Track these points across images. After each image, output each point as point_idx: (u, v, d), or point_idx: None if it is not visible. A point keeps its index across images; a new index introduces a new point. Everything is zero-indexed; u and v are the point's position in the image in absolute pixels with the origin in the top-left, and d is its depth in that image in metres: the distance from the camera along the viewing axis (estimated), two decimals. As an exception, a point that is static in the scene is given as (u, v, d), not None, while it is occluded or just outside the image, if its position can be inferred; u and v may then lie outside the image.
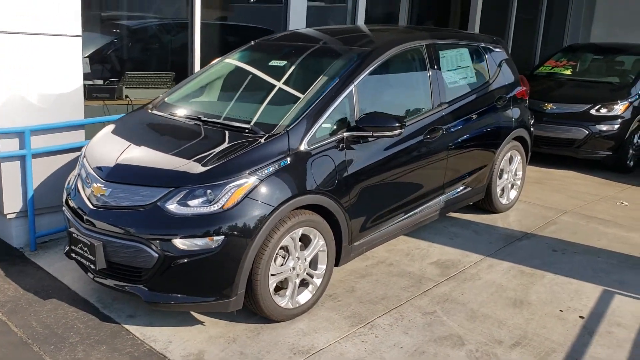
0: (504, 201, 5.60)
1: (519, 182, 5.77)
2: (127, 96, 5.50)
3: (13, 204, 4.50)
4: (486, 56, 5.28)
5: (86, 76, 5.52)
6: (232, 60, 4.70)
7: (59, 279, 4.08)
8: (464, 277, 4.26)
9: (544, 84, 8.57)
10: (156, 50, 6.11)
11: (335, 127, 3.78)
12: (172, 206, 3.24)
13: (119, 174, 3.49)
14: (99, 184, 3.51)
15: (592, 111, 7.61)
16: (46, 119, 4.54)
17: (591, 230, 5.32)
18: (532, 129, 5.87)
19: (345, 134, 3.78)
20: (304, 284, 3.71)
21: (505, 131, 5.27)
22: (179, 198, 3.25)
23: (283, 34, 5.05)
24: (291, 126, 3.59)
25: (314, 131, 3.63)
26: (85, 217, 3.49)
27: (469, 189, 5.06)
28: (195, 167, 3.33)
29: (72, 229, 3.60)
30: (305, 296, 3.70)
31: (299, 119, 3.63)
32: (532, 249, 4.82)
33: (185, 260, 3.20)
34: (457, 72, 4.84)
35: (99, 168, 3.61)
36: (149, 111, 4.24)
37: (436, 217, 4.77)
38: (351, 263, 4.40)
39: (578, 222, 5.52)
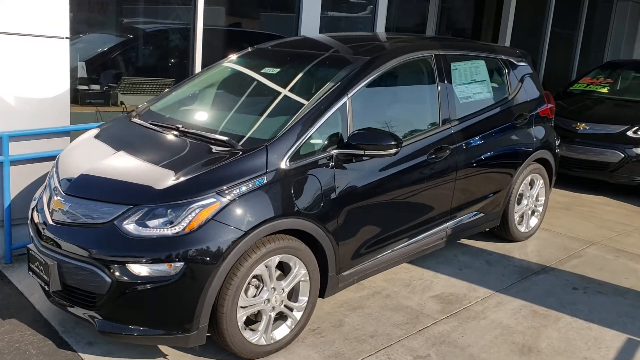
0: (522, 229, 5.10)
1: (540, 209, 5.26)
2: (122, 103, 5.24)
3: (-11, 213, 4.26)
4: (506, 70, 4.82)
5: (81, 81, 5.32)
6: (227, 67, 4.37)
7: (26, 297, 3.80)
8: (468, 315, 3.80)
9: (578, 102, 8.01)
10: (156, 56, 5.85)
11: (324, 143, 3.39)
12: (131, 226, 2.90)
13: (80, 187, 3.18)
14: (59, 197, 3.21)
15: (630, 133, 7.01)
16: (29, 125, 4.29)
17: (619, 266, 4.77)
18: (557, 151, 5.37)
19: (335, 151, 3.39)
20: (282, 317, 3.33)
21: (524, 152, 4.79)
22: (137, 217, 2.91)
23: (284, 40, 4.71)
24: (271, 141, 3.22)
25: (297, 147, 3.25)
26: (43, 233, 3.19)
27: (482, 215, 4.59)
28: (159, 183, 2.99)
29: (30, 245, 3.31)
30: (282, 331, 3.30)
31: (282, 133, 3.26)
32: (549, 286, 4.32)
33: (141, 288, 2.85)
34: (471, 86, 4.40)
35: (67, 179, 3.31)
36: (131, 119, 3.93)
37: (442, 245, 4.33)
38: (344, 293, 3.99)
39: (605, 256, 4.98)
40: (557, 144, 5.36)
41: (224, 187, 2.97)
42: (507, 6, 9.21)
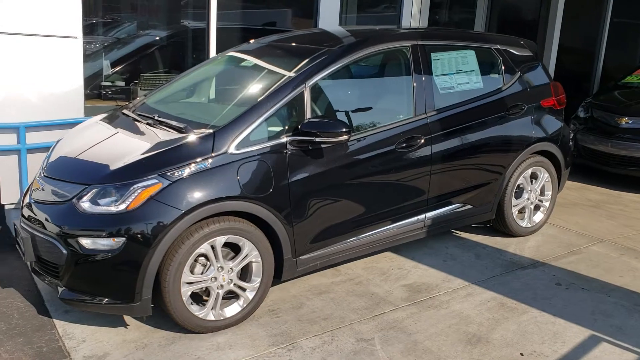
0: (523, 224, 4.94)
1: (547, 204, 5.06)
2: (141, 97, 5.63)
3: (10, 195, 4.77)
4: (501, 60, 4.70)
5: (106, 78, 5.78)
6: (218, 60, 4.62)
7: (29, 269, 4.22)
8: (430, 304, 3.79)
9: (626, 95, 7.55)
10: (175, 53, 6.23)
11: (278, 130, 3.55)
12: (86, 204, 3.21)
13: (54, 169, 3.57)
14: (38, 178, 3.61)
15: (677, 128, 6.55)
16: (44, 117, 4.76)
17: (619, 264, 4.52)
18: (570, 144, 5.15)
19: (288, 138, 3.53)
20: (236, 295, 3.51)
21: (519, 144, 4.65)
22: (91, 196, 3.21)
23: (282, 35, 4.87)
24: (220, 127, 3.41)
25: (247, 133, 3.43)
26: (23, 210, 3.58)
27: (469, 207, 4.52)
28: (112, 166, 3.28)
29: (16, 221, 3.71)
30: (233, 309, 3.49)
31: (231, 121, 3.44)
32: (531, 280, 4.19)
33: (91, 260, 3.15)
34: (455, 76, 4.35)
35: (50, 162, 3.72)
36: (122, 111, 4.27)
37: (423, 235, 4.32)
38: (316, 278, 4.11)
39: (608, 254, 4.72)
40: (568, 137, 5.15)
41: (166, 170, 3.20)
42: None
